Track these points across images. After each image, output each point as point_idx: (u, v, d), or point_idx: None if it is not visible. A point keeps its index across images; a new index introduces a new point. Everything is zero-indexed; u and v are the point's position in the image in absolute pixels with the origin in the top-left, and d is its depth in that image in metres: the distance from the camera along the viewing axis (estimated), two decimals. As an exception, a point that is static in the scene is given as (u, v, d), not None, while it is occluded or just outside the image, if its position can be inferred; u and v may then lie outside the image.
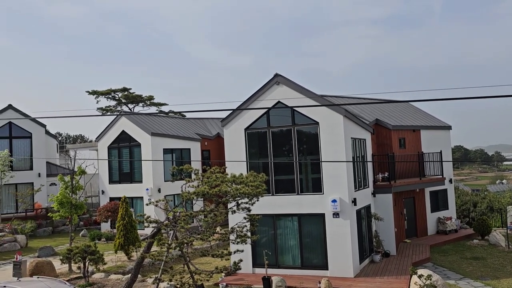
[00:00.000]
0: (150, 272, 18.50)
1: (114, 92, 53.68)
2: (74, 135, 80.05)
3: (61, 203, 22.00)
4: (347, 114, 17.58)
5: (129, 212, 19.77)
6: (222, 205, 13.72)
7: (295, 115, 17.75)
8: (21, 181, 31.51)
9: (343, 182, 16.87)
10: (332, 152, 16.98)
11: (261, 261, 17.37)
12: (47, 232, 29.45)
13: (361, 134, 19.51)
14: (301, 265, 17.46)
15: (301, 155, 17.85)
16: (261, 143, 18.40)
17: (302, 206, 17.44)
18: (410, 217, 23.76)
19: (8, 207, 31.12)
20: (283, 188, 17.92)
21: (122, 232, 19.31)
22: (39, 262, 17.43)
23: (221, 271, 13.35)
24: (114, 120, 29.87)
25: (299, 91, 17.53)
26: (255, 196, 13.06)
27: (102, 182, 30.28)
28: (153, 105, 55.76)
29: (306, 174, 17.86)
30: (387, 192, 20.65)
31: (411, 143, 24.11)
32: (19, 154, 32.08)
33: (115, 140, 29.53)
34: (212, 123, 35.60)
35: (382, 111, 25.18)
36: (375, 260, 19.03)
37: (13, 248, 24.12)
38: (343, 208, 16.78)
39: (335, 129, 17.02)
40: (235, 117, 18.69)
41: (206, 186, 12.99)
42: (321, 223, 17.14)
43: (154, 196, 26.74)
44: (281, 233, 17.90)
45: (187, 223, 13.08)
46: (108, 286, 16.37)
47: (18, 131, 32.31)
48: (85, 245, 16.92)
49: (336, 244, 16.85)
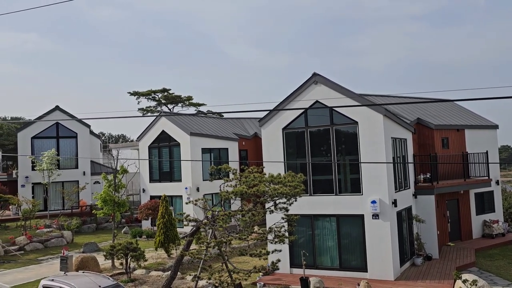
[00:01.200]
0: (189, 270, 18.82)
1: (154, 93, 54.98)
2: (116, 135, 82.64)
3: (105, 200, 22.68)
4: (387, 113, 17.19)
5: (169, 210, 20.18)
6: (260, 205, 13.77)
7: (334, 114, 17.54)
8: (67, 179, 32.86)
9: (383, 182, 16.52)
10: (371, 152, 16.66)
11: (299, 262, 17.29)
12: (91, 229, 30.54)
13: (401, 134, 19.04)
14: (340, 266, 17.25)
15: (340, 155, 17.62)
16: (298, 143, 18.30)
17: (341, 206, 17.22)
18: (454, 220, 22.95)
19: (55, 204, 32.56)
20: (321, 189, 17.76)
21: (162, 230, 19.73)
22: (84, 257, 18.10)
23: (259, 270, 13.40)
24: (154, 120, 30.60)
25: (337, 90, 17.31)
26: (293, 196, 13.01)
27: (143, 180, 31.08)
28: (192, 105, 56.69)
29: (344, 174, 17.62)
30: (429, 194, 20.04)
31: (454, 143, 23.28)
32: (65, 153, 33.48)
33: (155, 140, 30.24)
34: (250, 123, 35.77)
35: (424, 110, 24.46)
36: (417, 263, 18.52)
37: (60, 243, 25.18)
38: (383, 210, 16.43)
39: (375, 128, 16.69)
40: (273, 117, 18.69)
41: (244, 186, 13.07)
42: (360, 224, 16.85)
43: (192, 195, 27.18)
44: (319, 234, 17.74)
45: (225, 222, 13.20)
46: (149, 282, 16.79)
47: (64, 131, 33.72)
48: (127, 242, 17.42)
49: (375, 246, 16.52)
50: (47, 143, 32.88)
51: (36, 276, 18.16)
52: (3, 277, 18.48)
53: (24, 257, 22.41)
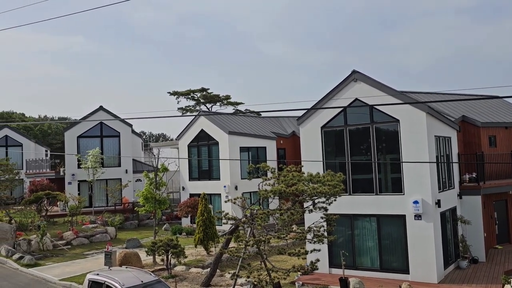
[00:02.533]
0: (228, 268, 18.99)
1: (193, 92, 55.84)
2: (156, 134, 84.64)
3: (146, 198, 23.28)
4: (430, 110, 16.66)
5: (208, 208, 20.44)
6: (299, 204, 13.69)
7: (374, 112, 17.19)
8: (111, 177, 33.95)
9: (426, 182, 16.02)
10: (413, 151, 16.20)
11: (338, 262, 17.07)
12: (133, 225, 31.41)
13: (445, 132, 18.39)
14: (380, 267, 16.89)
15: (380, 154, 17.25)
16: (337, 141, 18.06)
17: (381, 206, 16.86)
18: (502, 221, 21.94)
19: (99, 200, 33.74)
20: (361, 188, 17.45)
21: (201, 228, 20.03)
22: (127, 253, 18.65)
23: (297, 270, 13.32)
24: (193, 119, 31.09)
25: (378, 88, 16.94)
26: (333, 196, 12.86)
27: (182, 178, 31.65)
28: (230, 104, 57.16)
29: (385, 173, 17.23)
30: (475, 194, 19.26)
31: (503, 141, 22.24)
32: (108, 152, 34.62)
33: (194, 139, 30.72)
34: (288, 122, 35.65)
35: (469, 107, 23.51)
36: (462, 266, 17.85)
37: (104, 239, 26.07)
38: (426, 210, 15.94)
39: (417, 126, 16.21)
40: (311, 116, 18.53)
41: (283, 185, 13.04)
42: (402, 224, 16.43)
43: (231, 193, 27.40)
44: (359, 234, 17.45)
45: (264, 220, 13.23)
46: (189, 279, 17.08)
47: (108, 131, 34.87)
48: (167, 238, 17.79)
49: (418, 248, 16.06)
50: (92, 142, 34.11)
51: (82, 270, 18.88)
52: (52, 270, 19.36)
53: (70, 251, 23.37)
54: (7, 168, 29.25)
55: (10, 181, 29.99)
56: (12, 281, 18.14)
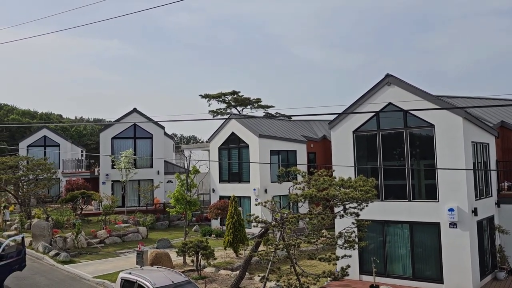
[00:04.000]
0: (257, 271, 18.98)
1: (224, 95, 56.28)
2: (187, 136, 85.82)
3: (177, 199, 23.61)
4: (467, 115, 16.16)
5: (237, 211, 20.53)
6: (329, 209, 13.56)
7: (408, 117, 16.83)
8: (143, 178, 34.62)
9: (462, 189, 15.54)
10: (449, 157, 15.75)
11: (369, 268, 16.78)
12: (164, 226, 31.89)
13: (483, 138, 17.80)
14: (412, 276, 16.48)
15: (414, 160, 16.86)
16: (370, 146, 17.78)
17: (414, 213, 16.46)
18: (543, 232, 20.98)
19: (132, 201, 34.46)
20: (393, 194, 17.10)
21: (231, 230, 20.12)
22: (158, 253, 18.94)
23: (327, 275, 13.19)
24: (224, 122, 31.32)
25: (412, 92, 16.58)
26: (365, 201, 12.67)
27: (213, 181, 31.92)
28: (261, 108, 57.27)
29: (418, 179, 16.82)
30: (514, 203, 18.52)
31: (544, 148, 21.29)
32: (141, 153, 35.35)
33: (225, 141, 30.94)
34: (318, 125, 35.40)
35: (508, 113, 22.64)
36: (499, 277, 17.20)
37: (136, 238, 26.58)
38: (462, 218, 15.45)
39: (453, 132, 15.77)
40: (343, 119, 18.33)
41: (313, 189, 12.95)
42: (436, 232, 15.99)
43: (260, 196, 27.41)
44: (391, 241, 17.09)
45: (294, 224, 13.16)
46: (218, 280, 17.17)
47: (141, 132, 35.62)
48: (198, 240, 17.97)
49: (453, 257, 15.58)
50: (125, 143, 34.91)
51: (114, 268, 19.32)
52: (86, 267, 19.90)
53: (104, 249, 23.95)
54: (45, 167, 30.31)
55: (48, 180, 31.07)
56: (48, 276, 18.76)
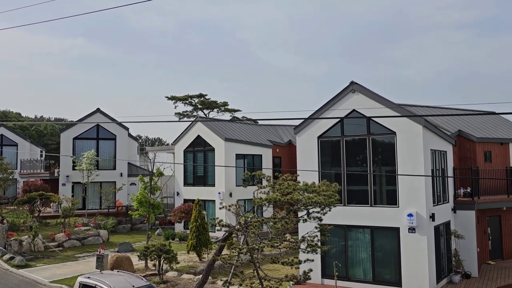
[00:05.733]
0: (220, 275, 18.88)
1: (191, 98, 55.86)
2: (152, 138, 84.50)
3: (140, 202, 23.16)
4: (427, 124, 16.74)
5: (202, 214, 20.38)
6: (293, 213, 13.66)
7: (371, 124, 17.25)
8: (105, 180, 33.79)
9: (421, 195, 16.06)
10: (409, 164, 16.25)
11: (331, 272, 17.02)
12: (126, 229, 31.23)
13: (441, 146, 18.47)
14: (373, 279, 16.85)
15: (376, 166, 17.29)
16: (334, 151, 18.10)
17: (375, 218, 16.86)
18: (495, 237, 21.97)
19: (93, 203, 33.54)
20: (355, 199, 17.45)
21: (194, 234, 19.95)
22: (119, 256, 18.52)
23: (290, 279, 13.26)
24: (190, 125, 31.08)
25: (375, 99, 17.02)
26: (328, 206, 12.84)
27: (177, 184, 31.56)
28: (227, 111, 57.20)
29: (380, 185, 17.25)
30: (469, 209, 19.31)
31: (498, 157, 22.36)
32: (104, 154, 34.50)
33: (190, 144, 30.68)
34: (284, 130, 35.70)
35: (465, 122, 23.65)
36: (454, 280, 17.85)
37: (96, 241, 25.89)
38: (420, 223, 15.95)
39: (413, 139, 16.28)
40: (308, 125, 18.58)
41: (278, 193, 13.02)
42: (395, 237, 16.43)
43: (225, 200, 27.33)
44: (352, 245, 17.42)
45: (258, 228, 13.18)
46: (180, 285, 16.97)
47: (104, 133, 34.77)
48: (160, 243, 17.69)
49: (411, 261, 16.05)
50: (88, 144, 33.98)
51: (73, 272, 18.73)
52: (42, 272, 19.18)
53: (62, 253, 23.17)
54: (1, 167, 29.05)
55: (3, 180, 29.77)
56: (1, 281, 17.94)
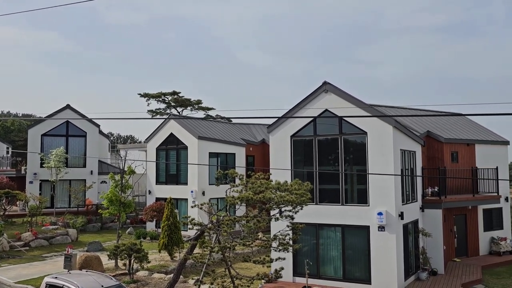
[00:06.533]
0: (192, 274, 18.76)
1: (164, 95, 55.19)
2: (125, 136, 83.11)
3: (111, 200, 22.75)
4: (397, 124, 17.10)
5: (174, 213, 20.19)
6: (265, 212, 13.71)
7: (343, 124, 17.48)
8: (75, 178, 33.00)
9: (390, 194, 16.39)
10: (380, 163, 16.56)
11: (302, 270, 17.17)
12: (96, 228, 30.64)
13: (411, 146, 18.91)
14: (343, 277, 17.10)
15: (347, 165, 17.53)
16: (306, 151, 18.25)
17: (346, 217, 17.11)
18: (461, 235, 22.68)
19: (62, 201, 32.71)
20: (327, 198, 17.66)
21: (166, 232, 19.74)
22: (88, 256, 18.15)
23: (261, 278, 13.30)
24: (163, 122, 30.72)
25: (347, 100, 17.26)
26: (299, 205, 12.94)
27: (149, 182, 31.16)
28: (201, 109, 56.81)
29: (351, 184, 17.51)
30: (436, 208, 19.84)
31: (464, 157, 23.07)
32: (74, 152, 33.69)
33: (163, 142, 30.34)
34: (258, 129, 35.76)
35: (434, 123, 24.29)
36: (421, 277, 18.30)
37: (65, 241, 25.28)
38: (389, 222, 16.28)
39: (384, 139, 16.60)
40: (281, 124, 18.67)
41: (250, 192, 13.03)
42: (366, 235, 16.72)
43: (198, 198, 27.17)
44: (324, 243, 17.62)
45: (230, 227, 13.16)
46: (151, 284, 16.77)
47: (74, 130, 33.95)
48: (131, 242, 17.44)
49: (380, 258, 16.37)
50: (57, 141, 33.11)
51: (40, 272, 18.22)
52: (7, 272, 18.58)
53: (29, 253, 22.51)
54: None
55: (-34, 178, 28.69)
56: (-37, 283, 17.30)
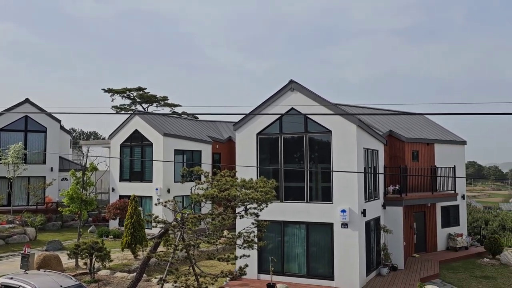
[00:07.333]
0: (156, 272, 18.51)
1: (129, 91, 54.10)
2: (88, 132, 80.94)
3: (72, 198, 22.16)
4: (361, 124, 17.44)
5: (137, 211, 19.85)
6: (231, 209, 13.68)
7: (308, 122, 17.67)
8: (34, 175, 31.85)
9: (354, 192, 16.71)
10: (343, 162, 16.85)
11: (267, 268, 17.27)
12: (56, 226, 29.70)
13: (374, 145, 19.34)
14: (307, 274, 17.30)
15: (312, 163, 17.74)
16: (272, 149, 18.33)
17: (311, 214, 17.31)
18: (420, 232, 23.44)
19: (19, 199, 31.50)
20: (292, 195, 17.81)
21: (129, 231, 19.38)
22: (47, 255, 17.56)
23: (226, 275, 13.30)
24: (127, 118, 30.08)
25: (313, 98, 17.45)
26: (264, 202, 12.99)
27: (112, 179, 30.47)
28: (167, 106, 56.05)
29: (316, 182, 17.74)
30: (397, 205, 20.40)
31: (424, 156, 23.82)
32: (33, 147, 32.48)
33: (127, 139, 29.73)
34: (224, 126, 35.64)
35: (396, 123, 24.95)
36: (382, 273, 18.78)
37: (22, 240, 24.36)
38: (352, 219, 16.60)
39: (348, 138, 16.90)
40: (248, 122, 18.67)
41: (215, 189, 12.97)
42: (329, 232, 16.98)
43: (163, 196, 26.81)
44: (288, 241, 17.77)
45: (194, 225, 13.05)
46: (113, 283, 16.42)
47: (33, 125, 32.73)
48: (92, 241, 17.02)
49: (343, 255, 16.67)
50: (15, 136, 31.81)
51: (-6, 273, 17.46)
52: (-42, 274, 17.71)
53: (-18, 253, 21.54)
54: None
55: None
56: None
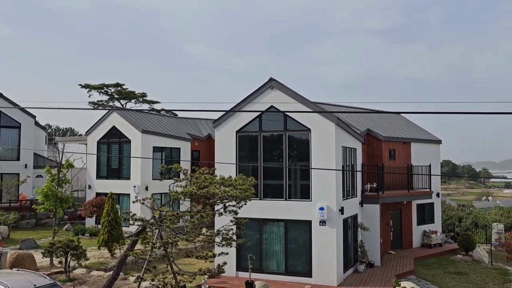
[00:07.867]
0: (133, 271, 18.30)
1: (107, 87, 53.22)
2: (64, 128, 79.32)
3: (46, 195, 21.69)
4: (339, 122, 17.61)
5: (115, 208, 19.58)
6: (209, 207, 13.63)
7: (287, 120, 17.74)
8: (7, 171, 31.08)
9: (332, 190, 16.87)
10: (322, 160, 16.98)
11: (245, 265, 17.27)
12: (31, 224, 29.05)
13: (352, 143, 19.56)
14: (285, 271, 17.40)
15: (291, 161, 17.82)
16: (251, 146, 18.34)
17: (289, 212, 17.41)
18: (396, 229, 23.84)
19: (-8, 197, 30.66)
20: (271, 193, 17.86)
21: (106, 229, 19.10)
22: (20, 254, 17.15)
23: (204, 273, 13.24)
24: (105, 115, 29.60)
25: (292, 96, 17.53)
26: (243, 200, 12.99)
27: (89, 176, 29.96)
28: (146, 103, 55.38)
29: (295, 180, 17.83)
30: (374, 203, 20.70)
31: (401, 155, 24.22)
32: (6, 143, 31.65)
33: (105, 135, 29.26)
34: (204, 124, 35.46)
35: (374, 122, 25.29)
36: (359, 270, 19.04)
37: (-6, 238, 23.73)
38: (330, 216, 16.77)
39: (326, 136, 17.04)
40: (227, 119, 18.62)
41: (194, 187, 12.90)
42: (307, 230, 17.11)
43: (141, 193, 26.51)
44: (267, 238, 17.83)
45: (173, 222, 12.95)
46: (89, 282, 16.17)
47: (6, 121, 31.89)
48: (68, 239, 16.71)
49: (321, 252, 16.82)
50: (-13, 132, 30.96)
51: (-36, 273, 16.94)
52: None
53: (-48, 252, 20.87)
54: None
55: None
56: None
